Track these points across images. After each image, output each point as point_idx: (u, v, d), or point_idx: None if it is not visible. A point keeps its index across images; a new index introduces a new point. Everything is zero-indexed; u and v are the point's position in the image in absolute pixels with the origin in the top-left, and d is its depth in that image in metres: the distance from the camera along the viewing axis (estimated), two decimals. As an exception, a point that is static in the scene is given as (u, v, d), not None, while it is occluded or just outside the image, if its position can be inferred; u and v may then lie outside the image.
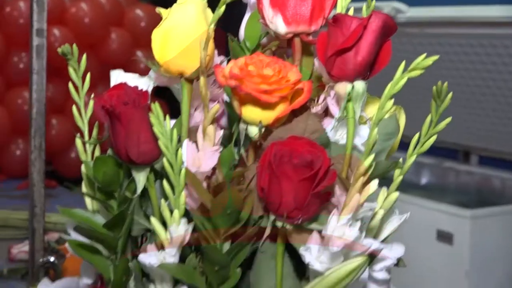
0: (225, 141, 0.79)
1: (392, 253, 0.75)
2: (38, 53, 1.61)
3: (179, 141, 0.74)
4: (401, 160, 0.77)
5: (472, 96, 2.48)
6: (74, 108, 0.81)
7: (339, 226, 0.69)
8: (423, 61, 0.70)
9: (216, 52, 0.81)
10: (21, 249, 1.80)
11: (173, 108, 0.84)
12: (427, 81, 0.87)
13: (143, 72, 0.85)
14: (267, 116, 0.73)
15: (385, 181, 0.77)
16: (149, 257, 0.71)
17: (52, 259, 1.56)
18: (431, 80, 0.82)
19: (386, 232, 0.76)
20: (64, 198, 2.37)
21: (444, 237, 2.16)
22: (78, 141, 0.81)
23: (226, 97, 0.84)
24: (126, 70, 0.84)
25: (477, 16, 2.30)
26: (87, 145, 0.81)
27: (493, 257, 2.18)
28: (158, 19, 0.79)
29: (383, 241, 0.76)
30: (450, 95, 0.74)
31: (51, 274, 1.58)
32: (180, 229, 0.70)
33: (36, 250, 1.60)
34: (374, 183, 0.71)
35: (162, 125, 0.71)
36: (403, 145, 0.81)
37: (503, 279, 2.21)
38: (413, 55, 0.71)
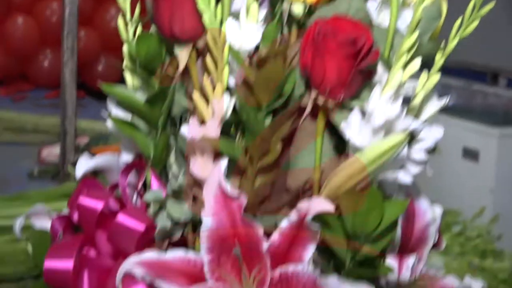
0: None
1: (431, 134, 0.75)
2: (70, -46, 1.61)
3: (222, 20, 0.74)
4: (443, 42, 0.76)
5: (504, 13, 2.44)
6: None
7: (381, 102, 0.69)
8: None
9: None
10: (51, 152, 1.82)
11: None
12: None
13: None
14: (312, -6, 0.72)
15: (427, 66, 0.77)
16: (191, 130, 0.71)
17: (83, 158, 1.58)
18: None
19: (425, 114, 0.77)
20: (92, 108, 2.39)
21: (470, 154, 2.16)
22: (120, 21, 0.81)
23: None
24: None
25: None
26: (129, 24, 0.81)
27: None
28: None
29: (422, 123, 0.77)
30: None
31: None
32: (222, 103, 0.71)
33: (67, 150, 1.62)
34: (417, 61, 0.71)
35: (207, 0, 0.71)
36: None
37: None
38: None
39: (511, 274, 1.25)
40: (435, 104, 0.77)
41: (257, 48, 0.74)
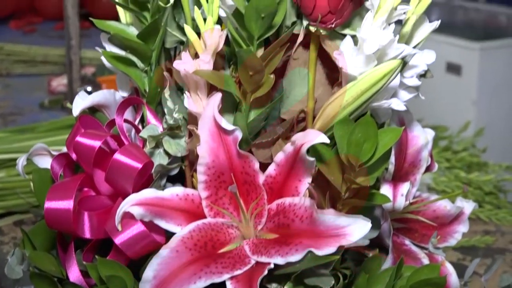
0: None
1: (423, 59, 0.68)
2: None
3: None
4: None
5: None
6: None
7: (373, 29, 0.61)
8: None
9: None
10: (60, 82, 1.75)
11: None
12: None
13: None
14: None
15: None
16: (184, 64, 0.64)
17: (89, 88, 1.51)
18: None
19: (417, 38, 0.69)
20: (97, 38, 2.29)
21: (453, 68, 2.09)
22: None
23: None
24: None
25: None
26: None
27: (499, 87, 2.11)
28: None
29: (414, 47, 0.69)
30: None
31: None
32: (214, 35, 0.63)
33: (74, 81, 1.55)
34: (409, -14, 0.63)
35: None
36: None
37: (508, 108, 2.14)
38: None
39: (495, 186, 1.20)
40: (426, 28, 0.70)
41: (247, -23, 0.67)
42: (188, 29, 0.64)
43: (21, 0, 2.60)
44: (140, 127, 0.72)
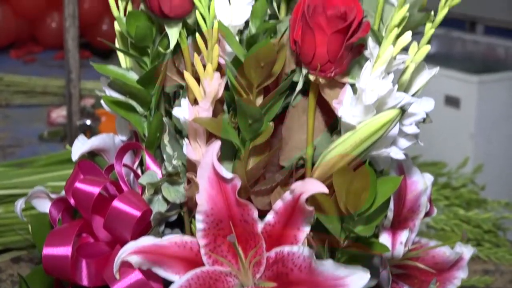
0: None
1: (422, 107, 0.68)
2: None
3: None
4: (432, 12, 0.69)
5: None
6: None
7: (372, 79, 0.61)
8: None
9: None
10: (59, 114, 1.75)
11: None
12: None
13: None
14: (300, -32, 0.64)
15: (415, 36, 0.69)
16: (183, 111, 0.64)
17: (88, 122, 1.52)
18: None
19: (416, 86, 0.69)
20: (98, 68, 2.29)
21: (452, 101, 2.09)
22: (110, -2, 0.73)
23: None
24: None
25: None
26: (119, 1, 0.73)
27: (497, 120, 2.11)
28: None
29: (413, 95, 0.70)
30: None
31: (88, 136, 1.54)
32: (213, 83, 0.63)
33: (73, 113, 1.55)
34: (408, 34, 0.63)
35: (194, -22, 0.63)
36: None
37: (506, 142, 2.15)
38: None
39: (494, 224, 1.19)
40: (425, 75, 0.70)
41: (247, 23, 0.67)
42: (187, 75, 0.64)
43: (21, 29, 2.61)
44: (139, 171, 0.72)
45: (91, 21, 2.55)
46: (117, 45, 0.73)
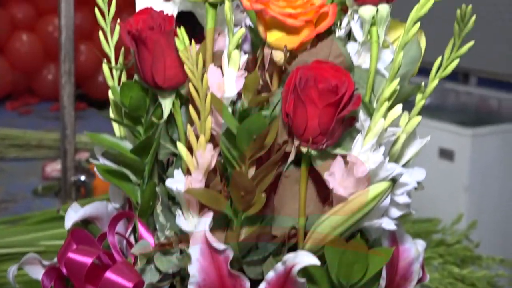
0: (249, 67, 0.72)
1: (413, 177, 0.69)
2: (65, -17, 1.54)
3: (204, 66, 0.67)
4: (423, 84, 0.70)
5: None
6: (100, 33, 0.74)
7: (363, 151, 0.62)
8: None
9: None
10: (54, 168, 1.76)
11: (195, 33, 0.77)
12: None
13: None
14: (292, 41, 0.66)
15: (406, 104, 0.70)
16: (176, 183, 0.65)
17: (82, 178, 1.52)
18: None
19: (407, 156, 0.70)
20: (94, 120, 2.31)
21: (446, 154, 2.10)
22: (105, 67, 0.74)
23: (248, 22, 0.77)
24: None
25: None
26: (114, 71, 0.74)
27: (491, 173, 2.12)
28: None
29: (404, 165, 0.70)
30: (473, 18, 0.67)
31: (82, 191, 1.54)
32: (206, 155, 0.64)
33: (68, 169, 1.56)
34: (398, 107, 0.64)
35: (188, 50, 0.64)
36: (421, 70, 0.74)
37: (500, 195, 2.15)
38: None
39: (489, 282, 1.20)
40: (416, 145, 0.71)
41: (240, 93, 0.68)
42: (181, 146, 0.65)
43: (18, 81, 2.63)
44: (132, 237, 0.73)
45: (87, 73, 2.57)
46: (111, 114, 0.74)
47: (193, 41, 0.64)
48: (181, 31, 0.65)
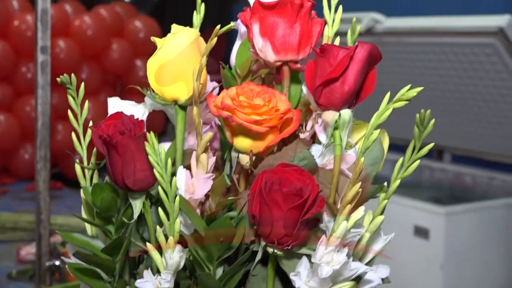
0: (218, 164, 0.75)
1: (377, 274, 0.71)
2: (42, 69, 1.58)
3: (174, 164, 0.70)
4: (385, 184, 0.73)
5: (446, 100, 2.45)
6: (73, 134, 0.77)
7: (327, 252, 0.65)
8: (407, 92, 0.66)
9: (208, 78, 0.77)
10: (29, 251, 1.76)
11: (168, 125, 0.80)
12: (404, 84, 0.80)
13: (142, 79, 0.79)
14: (258, 145, 0.69)
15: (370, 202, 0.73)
16: (146, 283, 0.67)
17: (57, 263, 1.52)
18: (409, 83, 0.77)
19: (371, 253, 0.73)
20: (70, 199, 2.33)
21: (421, 232, 2.13)
22: (77, 167, 0.77)
23: (217, 121, 0.80)
24: (126, 77, 0.79)
25: (451, 26, 2.27)
26: (86, 171, 0.77)
27: (466, 251, 2.15)
28: (155, 30, 0.75)
29: (368, 262, 0.73)
30: (432, 121, 0.71)
31: (57, 276, 1.54)
32: (175, 255, 0.66)
33: (43, 254, 1.56)
34: (361, 209, 0.67)
35: (157, 154, 0.67)
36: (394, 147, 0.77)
37: (476, 272, 2.17)
38: (391, 62, 0.67)
39: None
40: (380, 242, 0.73)
41: (207, 196, 0.70)
42: (150, 247, 0.67)
43: (-7, 160, 2.65)
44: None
45: (63, 152, 2.59)
46: (83, 213, 0.76)
47: (162, 146, 0.67)
48: (151, 136, 0.67)
